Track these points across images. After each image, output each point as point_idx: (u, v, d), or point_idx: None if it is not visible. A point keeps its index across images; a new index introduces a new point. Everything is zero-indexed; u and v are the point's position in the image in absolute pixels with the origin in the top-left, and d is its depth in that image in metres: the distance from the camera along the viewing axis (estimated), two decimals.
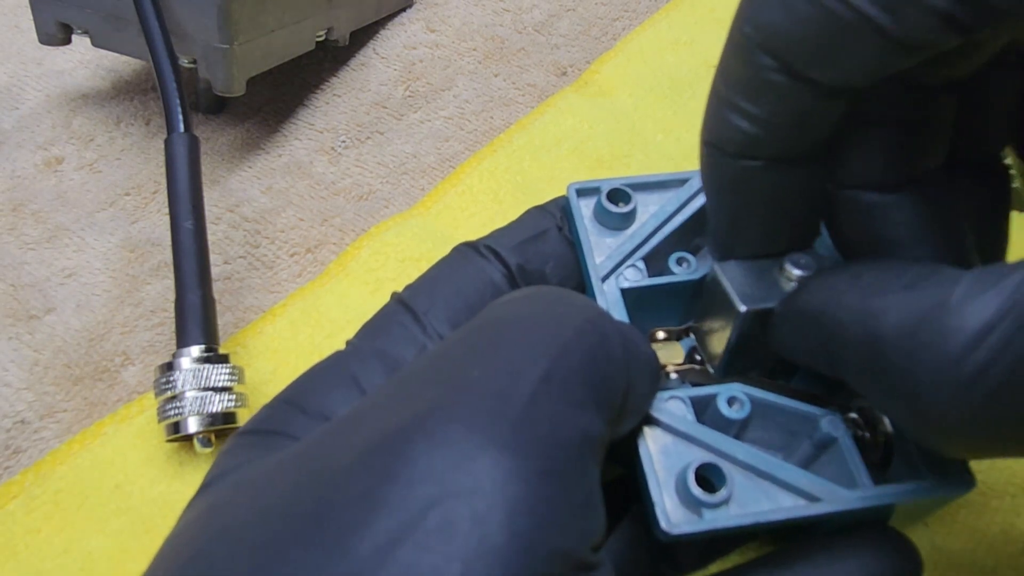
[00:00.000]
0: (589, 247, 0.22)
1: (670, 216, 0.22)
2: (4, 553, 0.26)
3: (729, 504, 0.17)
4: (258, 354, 0.31)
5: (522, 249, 0.21)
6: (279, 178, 0.38)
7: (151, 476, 0.28)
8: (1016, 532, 0.27)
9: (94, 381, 0.31)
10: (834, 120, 0.17)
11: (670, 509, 0.17)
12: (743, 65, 0.16)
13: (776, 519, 0.17)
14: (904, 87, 0.17)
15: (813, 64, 0.15)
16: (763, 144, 0.17)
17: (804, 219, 0.19)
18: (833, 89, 0.16)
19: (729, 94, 0.17)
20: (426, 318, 0.20)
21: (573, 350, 0.15)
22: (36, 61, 0.43)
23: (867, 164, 0.18)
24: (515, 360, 0.15)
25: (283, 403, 0.19)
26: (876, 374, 0.15)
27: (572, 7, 0.49)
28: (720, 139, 0.17)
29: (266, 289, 0.34)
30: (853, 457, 0.18)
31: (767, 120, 0.16)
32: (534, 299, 0.17)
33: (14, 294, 0.33)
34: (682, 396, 0.19)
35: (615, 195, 0.22)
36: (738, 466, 0.18)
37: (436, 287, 0.20)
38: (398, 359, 0.19)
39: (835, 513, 0.17)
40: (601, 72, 0.43)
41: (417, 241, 0.35)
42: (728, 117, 0.17)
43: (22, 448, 0.29)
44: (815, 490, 0.17)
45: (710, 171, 0.18)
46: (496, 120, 0.42)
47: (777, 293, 0.18)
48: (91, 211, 0.36)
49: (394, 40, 0.46)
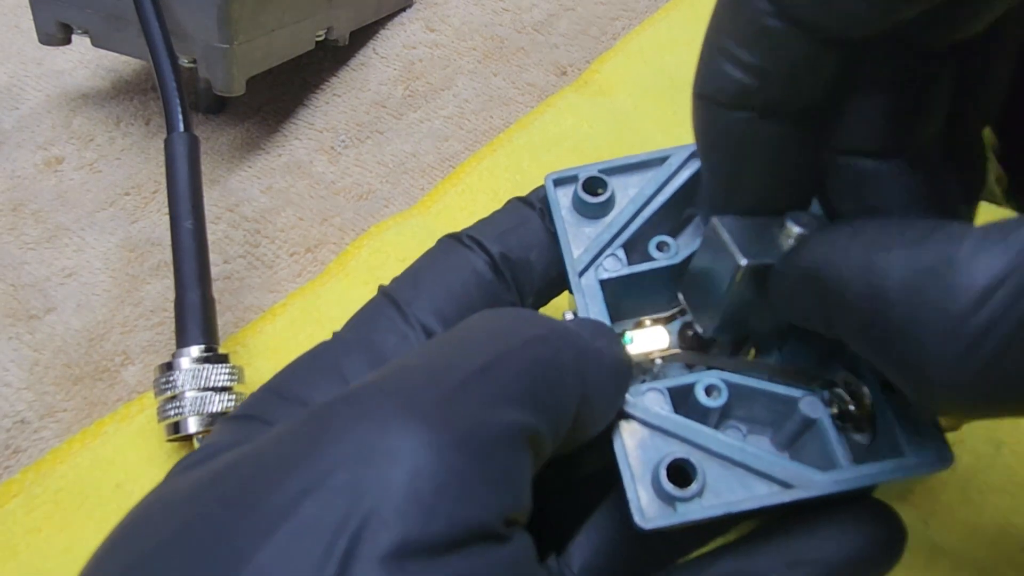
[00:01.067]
0: (567, 240, 0.21)
1: (649, 199, 0.22)
2: (5, 552, 0.26)
3: (703, 495, 0.18)
4: (258, 354, 0.31)
5: (504, 238, 0.22)
6: (279, 178, 0.38)
7: (151, 475, 0.28)
8: (1014, 529, 0.27)
9: (94, 381, 0.31)
10: (828, 76, 0.17)
11: (645, 503, 0.18)
12: (739, 11, 0.16)
13: (749, 507, 0.17)
14: (906, 50, 0.17)
15: (813, 7, 0.15)
16: (756, 94, 0.17)
17: (799, 178, 0.19)
18: (829, 38, 0.16)
19: (723, 42, 0.16)
20: (409, 308, 0.20)
21: (516, 355, 0.16)
22: (36, 61, 0.43)
23: (862, 129, 0.18)
24: (456, 355, 0.16)
25: (266, 391, 0.19)
26: (877, 332, 0.15)
27: (572, 6, 0.49)
28: (713, 90, 0.17)
29: (266, 289, 0.34)
30: (832, 437, 0.19)
31: (761, 68, 0.16)
32: (500, 316, 0.18)
33: (14, 294, 0.33)
34: (660, 388, 0.19)
35: (591, 184, 0.22)
36: (713, 456, 0.18)
37: (420, 278, 0.21)
38: (382, 348, 0.19)
39: (809, 499, 0.18)
40: (601, 71, 0.43)
41: (417, 241, 0.35)
42: (722, 66, 0.17)
43: (22, 448, 0.29)
44: (789, 477, 0.18)
45: (703, 125, 0.18)
46: (496, 119, 0.42)
47: (776, 250, 0.18)
48: (91, 211, 0.37)
49: (394, 40, 0.46)
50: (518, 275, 0.21)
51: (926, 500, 0.28)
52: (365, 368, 0.19)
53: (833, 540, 0.18)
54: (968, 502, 0.28)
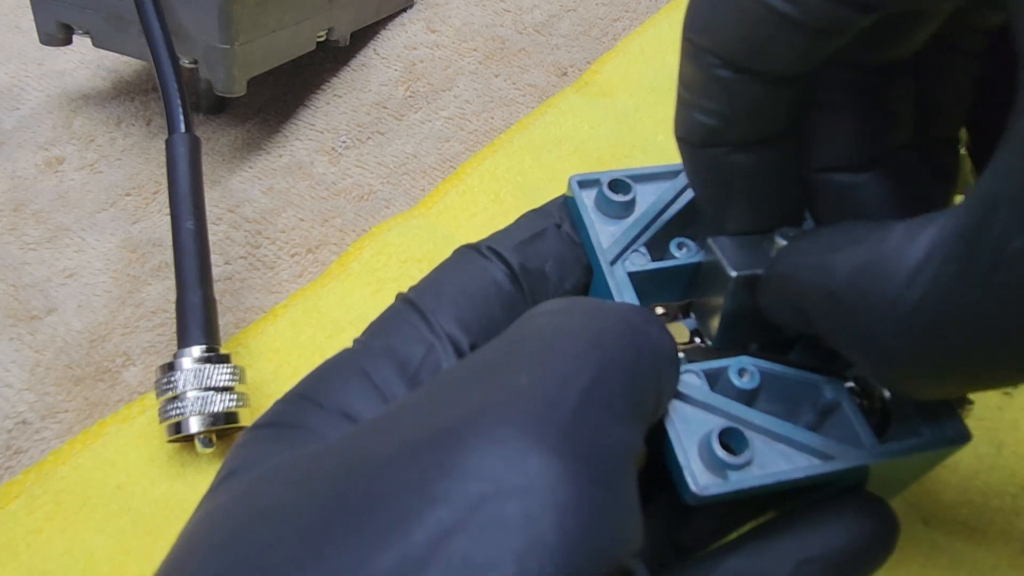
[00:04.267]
0: (595, 233, 0.22)
1: (668, 204, 0.23)
2: (6, 553, 0.26)
3: (751, 466, 0.18)
4: (259, 354, 0.31)
5: (522, 249, 0.22)
6: (280, 178, 0.38)
7: (153, 476, 0.28)
8: (1016, 531, 0.27)
9: (95, 381, 0.31)
10: (787, 106, 0.18)
11: (698, 472, 0.18)
12: (693, 66, 0.18)
13: (796, 477, 0.18)
14: (856, 69, 0.18)
15: (748, 57, 0.17)
16: (724, 133, 0.18)
17: (783, 196, 0.20)
18: (776, 78, 0.17)
19: (687, 94, 0.18)
20: (433, 317, 0.20)
21: (615, 366, 0.16)
22: (37, 61, 0.43)
23: (833, 146, 0.19)
24: (562, 370, 0.15)
25: (298, 397, 0.19)
26: (837, 323, 0.16)
27: (573, 7, 0.49)
28: (686, 132, 0.19)
29: (267, 289, 0.34)
30: (858, 419, 0.20)
31: (722, 112, 0.18)
32: (572, 311, 0.18)
33: (15, 295, 0.33)
34: (695, 370, 0.20)
35: (616, 185, 0.23)
36: (755, 431, 0.19)
37: (441, 287, 0.21)
38: (407, 357, 0.19)
39: (849, 469, 0.19)
40: (602, 72, 0.43)
41: (419, 242, 0.35)
42: (690, 113, 0.18)
43: (23, 448, 0.29)
44: (828, 449, 0.19)
45: (686, 162, 0.20)
46: (497, 120, 0.42)
47: (765, 261, 0.20)
48: (92, 211, 0.36)
49: (395, 40, 0.46)
50: (534, 286, 0.22)
51: (926, 501, 0.28)
52: (393, 375, 0.19)
53: (839, 534, 0.18)
54: (969, 503, 0.28)
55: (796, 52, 0.16)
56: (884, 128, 0.19)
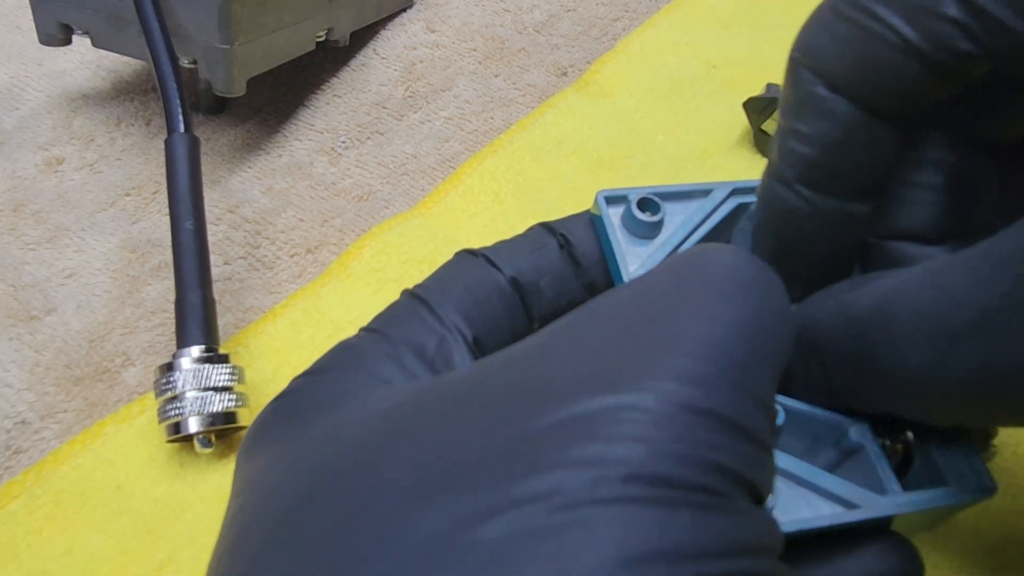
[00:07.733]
0: (622, 254, 0.22)
1: (697, 225, 0.22)
2: (6, 554, 0.26)
3: (774, 511, 0.18)
4: (259, 354, 0.31)
5: (516, 261, 0.22)
6: (279, 179, 0.38)
7: (152, 476, 0.28)
8: (1018, 533, 0.27)
9: (95, 381, 0.31)
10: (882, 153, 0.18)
11: None
12: (793, 86, 0.18)
13: (818, 526, 0.18)
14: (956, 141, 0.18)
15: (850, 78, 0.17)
16: (816, 167, 0.18)
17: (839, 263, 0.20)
18: (878, 108, 0.17)
19: (786, 120, 0.18)
20: (441, 310, 0.20)
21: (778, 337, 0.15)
22: (37, 61, 0.43)
23: (912, 214, 0.19)
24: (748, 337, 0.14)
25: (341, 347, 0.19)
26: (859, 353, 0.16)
27: (572, 7, 0.49)
28: (780, 168, 0.18)
29: (266, 290, 0.34)
30: (882, 464, 0.19)
31: (817, 137, 0.17)
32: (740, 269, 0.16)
33: (15, 294, 0.33)
34: None
35: (645, 204, 0.22)
36: (779, 474, 0.18)
37: (446, 286, 0.21)
38: (422, 346, 0.19)
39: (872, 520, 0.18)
40: (602, 73, 0.43)
41: (419, 242, 0.35)
42: (787, 143, 0.18)
43: (23, 448, 0.29)
44: (853, 497, 0.18)
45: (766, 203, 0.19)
46: (496, 121, 0.42)
47: None
48: (91, 211, 0.36)
49: (394, 40, 0.46)
50: (526, 299, 0.21)
51: None
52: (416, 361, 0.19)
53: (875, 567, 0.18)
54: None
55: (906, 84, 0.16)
56: (968, 206, 0.18)
